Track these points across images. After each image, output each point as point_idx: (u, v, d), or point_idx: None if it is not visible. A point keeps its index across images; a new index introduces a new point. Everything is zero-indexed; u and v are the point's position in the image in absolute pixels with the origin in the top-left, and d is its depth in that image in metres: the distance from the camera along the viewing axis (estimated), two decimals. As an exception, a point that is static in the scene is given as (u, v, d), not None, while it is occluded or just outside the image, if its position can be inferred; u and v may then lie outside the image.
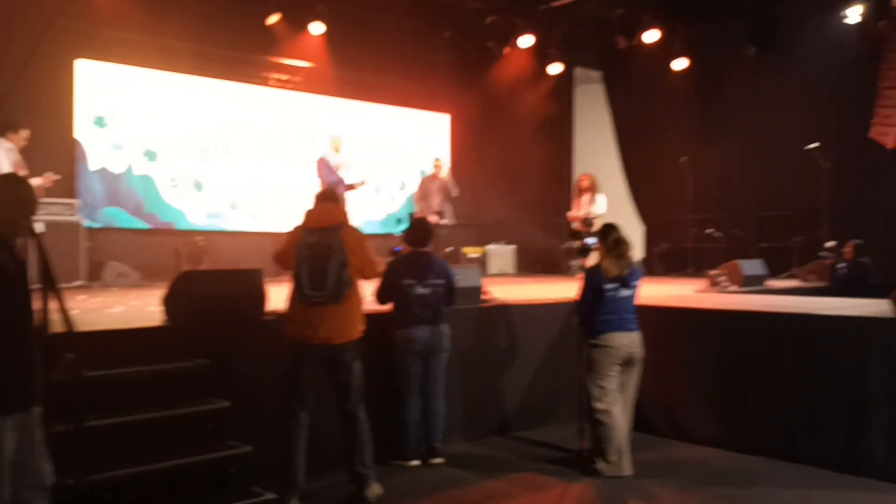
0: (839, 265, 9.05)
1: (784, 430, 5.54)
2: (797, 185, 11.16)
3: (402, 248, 5.58)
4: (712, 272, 8.68)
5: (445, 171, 10.02)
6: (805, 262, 9.86)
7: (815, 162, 10.14)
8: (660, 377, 6.13)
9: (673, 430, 6.15)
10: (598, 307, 5.11)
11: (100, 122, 9.43)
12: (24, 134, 7.10)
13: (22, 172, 6.90)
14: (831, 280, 8.99)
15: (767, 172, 11.57)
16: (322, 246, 4.36)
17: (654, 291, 8.13)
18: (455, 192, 9.96)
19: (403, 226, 5.75)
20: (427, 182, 9.76)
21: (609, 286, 5.11)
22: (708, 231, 11.29)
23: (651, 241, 12.84)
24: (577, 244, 6.25)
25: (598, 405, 5.10)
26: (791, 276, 9.93)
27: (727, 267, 8.62)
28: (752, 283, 8.41)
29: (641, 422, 5.95)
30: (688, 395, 6.15)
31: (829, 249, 9.59)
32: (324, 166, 8.78)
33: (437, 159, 10.08)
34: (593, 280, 5.16)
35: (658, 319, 6.26)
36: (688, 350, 6.22)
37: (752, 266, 8.74)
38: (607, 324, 5.10)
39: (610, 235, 5.25)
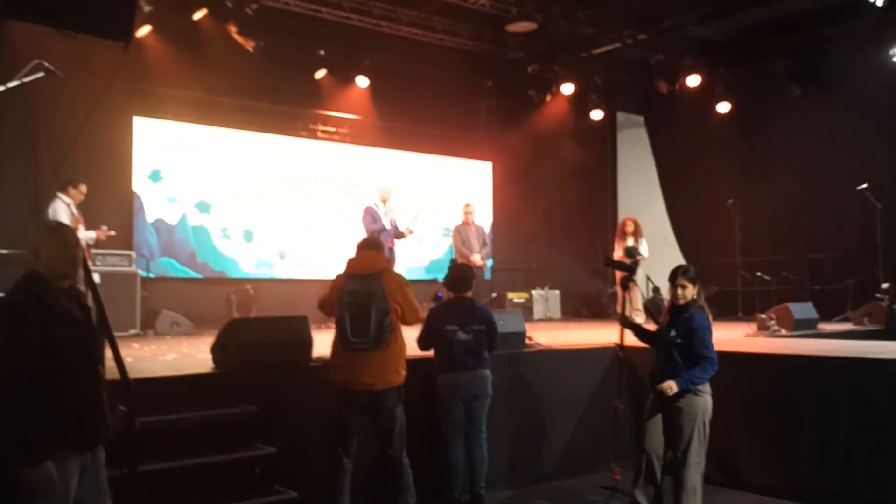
0: (896, 307, 8.81)
1: (842, 478, 5.37)
2: (849, 225, 10.94)
3: (444, 293, 5.64)
4: (762, 316, 8.52)
5: (476, 216, 10.04)
6: (859, 305, 9.60)
7: (868, 202, 9.95)
8: (710, 423, 6.02)
9: (725, 477, 6.00)
10: None
11: (155, 175, 9.81)
12: (83, 189, 7.42)
13: (79, 227, 7.23)
14: (888, 323, 8.74)
15: (818, 214, 11.37)
16: (364, 293, 4.45)
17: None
18: (488, 238, 10.03)
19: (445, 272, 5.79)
20: (462, 228, 9.81)
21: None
22: (758, 274, 11.09)
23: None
24: (620, 275, 5.80)
25: None
26: (845, 320, 9.67)
27: (777, 310, 8.46)
28: (803, 327, 8.23)
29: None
30: (739, 441, 6.01)
31: (885, 291, 9.33)
32: (368, 215, 8.94)
33: (467, 205, 9.94)
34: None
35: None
36: (738, 395, 6.08)
37: (803, 309, 8.56)
38: None
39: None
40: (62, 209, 7.17)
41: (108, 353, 3.36)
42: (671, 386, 4.67)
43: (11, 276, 7.82)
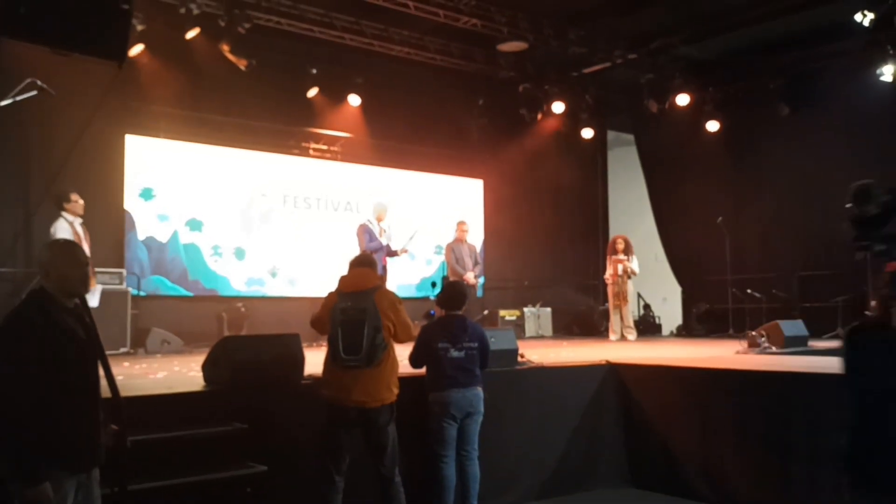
0: (885, 324, 8.84)
1: (832, 494, 5.37)
2: (838, 243, 10.99)
3: (436, 311, 5.65)
4: (752, 333, 8.55)
5: (469, 235, 10.09)
6: (850, 322, 9.63)
7: (856, 220, 10.02)
8: (701, 440, 6.04)
9: (714, 494, 6.00)
10: None
11: (147, 193, 9.80)
12: (75, 198, 7.35)
13: (82, 244, 7.18)
14: (877, 340, 8.76)
15: (807, 232, 11.44)
16: (356, 310, 4.46)
17: (694, 352, 8.09)
18: (479, 256, 10.07)
19: (438, 290, 5.80)
20: (456, 246, 9.84)
21: None
22: (748, 291, 11.15)
23: (689, 301, 12.71)
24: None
25: None
26: (835, 337, 9.72)
27: (768, 328, 8.49)
28: (793, 344, 8.25)
29: (682, 486, 5.85)
30: (730, 458, 6.01)
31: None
32: (364, 232, 8.95)
33: (461, 223, 10.02)
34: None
35: (698, 381, 6.19)
36: (729, 412, 6.11)
37: (793, 327, 8.59)
38: None
39: None
40: (63, 228, 7.10)
41: (100, 372, 3.34)
42: None
43: (1, 292, 7.77)
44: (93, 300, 7.40)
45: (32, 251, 8.29)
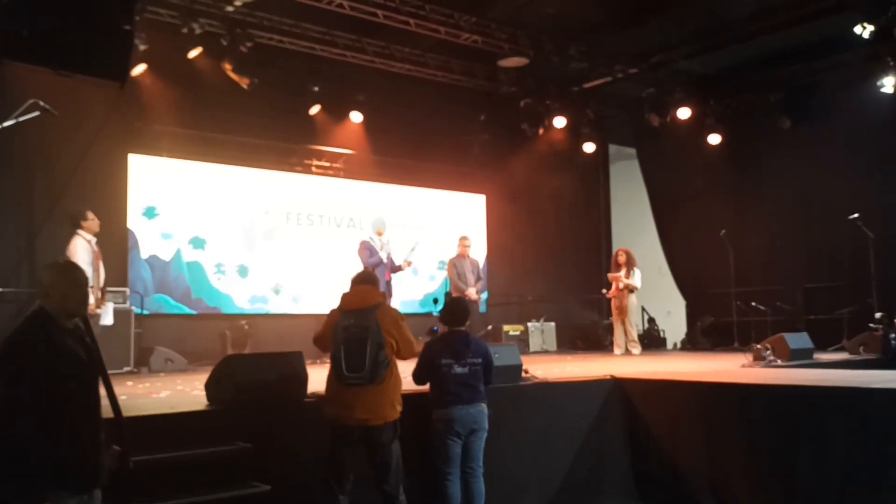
0: (891, 336, 8.80)
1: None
2: (842, 255, 10.99)
3: (439, 327, 5.63)
4: (758, 346, 8.52)
5: (471, 249, 10.08)
6: (854, 334, 9.61)
7: (860, 232, 10.00)
8: (707, 454, 5.99)
9: (722, 509, 5.96)
10: None
11: (150, 212, 9.83)
12: (91, 216, 7.33)
13: (99, 263, 7.18)
14: (883, 352, 8.73)
15: (811, 244, 11.43)
16: (358, 328, 4.44)
17: (699, 366, 8.05)
18: (482, 271, 10.06)
19: (440, 306, 5.78)
20: (458, 261, 9.83)
21: None
22: (752, 304, 11.11)
23: (693, 315, 12.68)
24: None
25: None
26: (840, 349, 9.67)
27: (773, 340, 8.45)
28: (799, 357, 8.21)
29: (687, 500, 5.80)
30: (735, 472, 5.96)
31: (880, 320, 9.34)
32: (365, 249, 8.95)
33: (463, 238, 9.98)
34: None
35: (704, 395, 6.15)
36: (735, 426, 6.07)
37: (799, 339, 8.55)
38: None
39: None
40: (82, 247, 7.07)
41: (102, 391, 3.33)
42: None
43: (5, 313, 7.77)
44: (107, 318, 7.39)
45: (36, 272, 8.30)
